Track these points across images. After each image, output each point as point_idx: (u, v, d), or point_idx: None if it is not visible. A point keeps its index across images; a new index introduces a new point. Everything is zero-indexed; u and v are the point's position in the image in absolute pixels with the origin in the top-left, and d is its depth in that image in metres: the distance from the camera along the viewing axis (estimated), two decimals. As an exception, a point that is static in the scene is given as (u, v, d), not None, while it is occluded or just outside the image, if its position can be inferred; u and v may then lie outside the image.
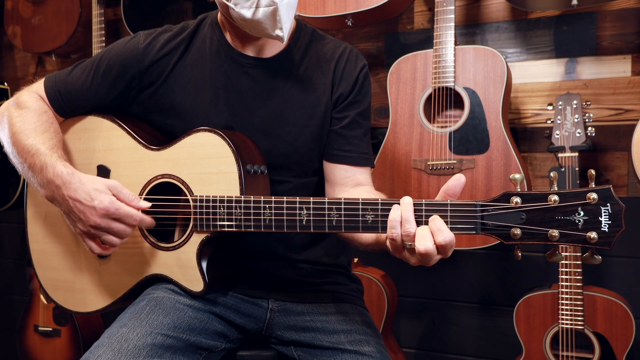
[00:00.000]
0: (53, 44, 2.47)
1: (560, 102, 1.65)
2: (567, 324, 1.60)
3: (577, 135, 1.61)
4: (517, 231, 0.86)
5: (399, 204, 0.91)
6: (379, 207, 0.93)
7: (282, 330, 1.20)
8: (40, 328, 2.50)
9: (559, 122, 1.64)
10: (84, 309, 1.25)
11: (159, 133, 1.24)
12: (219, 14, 1.23)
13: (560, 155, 1.62)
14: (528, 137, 1.94)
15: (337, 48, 1.25)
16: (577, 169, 1.59)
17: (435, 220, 0.87)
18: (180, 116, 1.19)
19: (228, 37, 1.21)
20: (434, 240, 0.86)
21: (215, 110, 1.19)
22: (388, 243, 0.93)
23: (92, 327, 2.48)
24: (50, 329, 2.48)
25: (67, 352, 2.46)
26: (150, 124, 1.24)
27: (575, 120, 1.62)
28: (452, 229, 0.88)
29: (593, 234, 0.82)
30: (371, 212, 0.94)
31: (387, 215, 0.92)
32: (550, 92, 1.91)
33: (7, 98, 2.71)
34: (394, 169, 1.81)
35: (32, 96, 1.23)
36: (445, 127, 1.75)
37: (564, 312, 1.60)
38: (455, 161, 1.72)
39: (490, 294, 2.02)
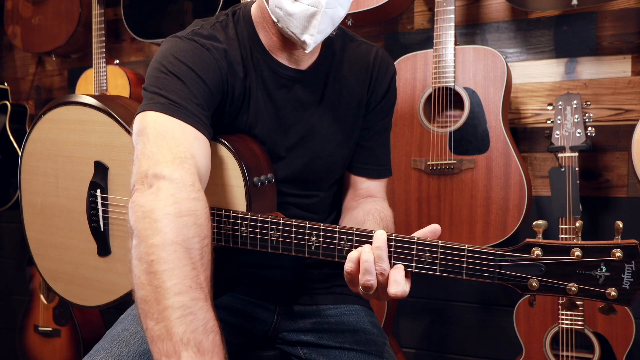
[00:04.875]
0: (53, 44, 2.47)
1: (560, 102, 1.65)
2: (567, 324, 1.60)
3: (577, 135, 1.61)
4: (535, 283, 0.83)
5: (413, 240, 0.87)
6: (393, 243, 0.89)
7: (288, 331, 1.19)
8: (40, 328, 2.50)
9: (559, 122, 1.64)
10: (83, 303, 1.26)
11: None
12: (252, 9, 1.10)
13: (560, 155, 1.62)
14: (528, 137, 1.94)
15: (369, 53, 1.17)
16: (577, 169, 1.59)
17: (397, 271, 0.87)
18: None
19: (262, 37, 1.09)
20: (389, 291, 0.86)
21: (253, 124, 1.10)
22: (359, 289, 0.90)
23: (92, 327, 2.48)
24: (50, 329, 2.48)
25: (67, 352, 2.46)
26: None
27: (575, 120, 1.62)
28: (467, 275, 0.85)
29: (613, 292, 0.79)
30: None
31: (400, 252, 0.89)
32: (550, 92, 1.90)
33: (7, 98, 2.71)
34: (394, 169, 1.80)
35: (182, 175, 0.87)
36: (445, 127, 1.75)
37: (564, 312, 1.60)
38: (455, 161, 1.72)
39: (490, 294, 2.02)
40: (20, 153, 1.35)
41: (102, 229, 1.21)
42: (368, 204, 1.19)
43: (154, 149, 0.87)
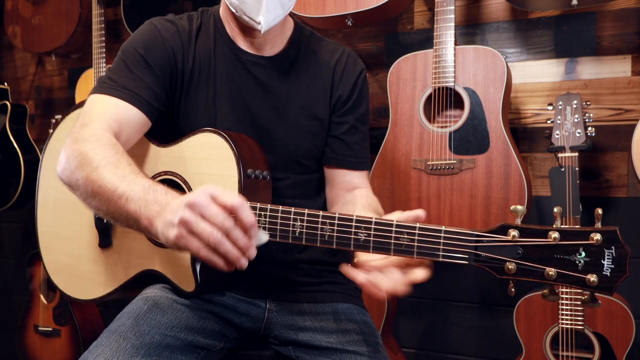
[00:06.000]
0: (53, 44, 2.47)
1: (560, 102, 1.65)
2: (567, 324, 1.60)
3: (577, 135, 1.61)
4: (512, 266, 0.82)
5: (392, 222, 0.88)
6: (372, 226, 0.89)
7: (280, 329, 1.20)
8: (40, 328, 2.50)
9: (559, 122, 1.64)
10: (81, 296, 1.28)
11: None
12: (221, 7, 1.24)
13: (560, 155, 1.62)
14: (528, 137, 1.94)
15: (335, 50, 1.27)
16: (577, 169, 1.59)
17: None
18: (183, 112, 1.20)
19: (227, 29, 1.21)
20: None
21: (219, 105, 1.19)
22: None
23: (92, 327, 2.48)
24: (50, 329, 2.48)
25: (67, 352, 2.46)
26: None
27: (575, 120, 1.62)
28: (443, 257, 0.86)
29: (593, 277, 0.77)
30: (364, 231, 0.90)
31: (379, 235, 0.88)
32: (550, 92, 1.90)
33: (7, 98, 2.71)
34: (394, 169, 1.81)
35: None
36: (445, 127, 1.75)
37: (564, 312, 1.60)
38: (455, 161, 1.72)
39: (490, 294, 2.02)
40: (43, 151, 1.40)
41: (105, 221, 1.23)
42: (351, 194, 1.23)
43: (77, 125, 1.08)
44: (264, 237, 0.88)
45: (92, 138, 1.00)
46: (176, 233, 0.83)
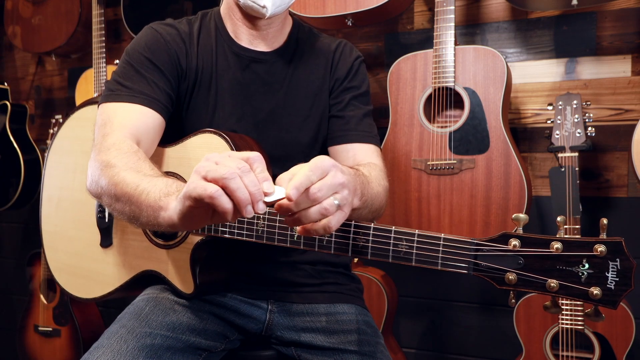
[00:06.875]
0: (53, 44, 2.47)
1: (560, 102, 1.65)
2: (567, 324, 1.60)
3: (577, 135, 1.61)
4: (512, 276, 0.79)
5: (391, 229, 0.86)
6: (370, 232, 0.87)
7: (282, 330, 1.20)
8: (40, 328, 2.50)
9: (559, 122, 1.64)
10: (83, 295, 1.29)
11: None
12: (222, 7, 1.25)
13: (560, 155, 1.62)
14: (528, 137, 1.94)
15: (333, 42, 1.30)
16: (577, 169, 1.59)
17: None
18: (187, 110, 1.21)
19: (229, 27, 1.22)
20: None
21: (220, 103, 1.20)
22: None
23: (92, 327, 2.48)
24: (50, 329, 2.48)
25: (67, 352, 2.46)
26: None
27: (575, 120, 1.62)
28: (442, 265, 0.83)
29: (596, 290, 0.75)
30: (362, 237, 0.87)
31: (377, 242, 0.87)
32: (550, 92, 1.91)
33: (7, 98, 2.72)
34: (394, 169, 1.81)
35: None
36: (445, 127, 1.75)
37: (564, 312, 1.60)
38: (455, 161, 1.72)
39: (490, 294, 2.02)
40: (47, 150, 1.41)
41: (106, 220, 1.24)
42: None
43: (98, 137, 1.08)
44: (279, 192, 0.79)
45: (114, 147, 1.01)
46: (189, 183, 0.77)
